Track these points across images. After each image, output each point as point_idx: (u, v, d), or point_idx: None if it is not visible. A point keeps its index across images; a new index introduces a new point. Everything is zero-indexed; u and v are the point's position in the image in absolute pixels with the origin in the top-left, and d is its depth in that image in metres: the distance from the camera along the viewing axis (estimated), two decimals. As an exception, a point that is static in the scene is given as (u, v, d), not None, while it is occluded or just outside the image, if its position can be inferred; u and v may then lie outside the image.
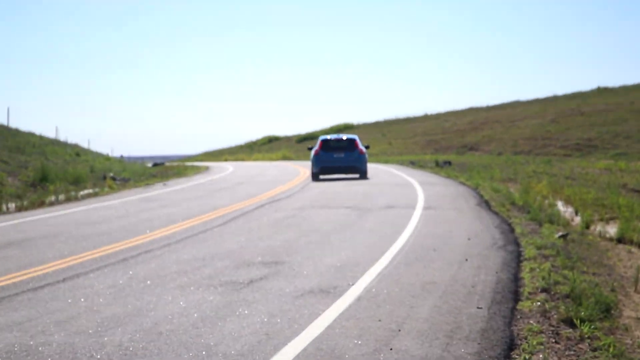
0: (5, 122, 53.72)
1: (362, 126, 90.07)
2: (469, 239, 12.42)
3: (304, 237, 13.08)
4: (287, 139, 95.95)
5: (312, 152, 30.02)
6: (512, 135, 57.70)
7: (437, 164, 40.29)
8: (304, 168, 42.09)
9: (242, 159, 78.04)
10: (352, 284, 8.88)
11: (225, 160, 78.54)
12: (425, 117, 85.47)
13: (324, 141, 30.10)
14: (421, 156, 54.17)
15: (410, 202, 18.99)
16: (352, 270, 9.78)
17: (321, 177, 30.27)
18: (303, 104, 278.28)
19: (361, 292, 8.41)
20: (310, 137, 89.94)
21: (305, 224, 15.12)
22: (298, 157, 70.34)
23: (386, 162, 49.28)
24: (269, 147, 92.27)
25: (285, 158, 72.12)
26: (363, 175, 29.77)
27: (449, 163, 40.40)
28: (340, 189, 24.08)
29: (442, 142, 63.86)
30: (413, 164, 43.44)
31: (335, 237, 13.00)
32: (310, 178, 30.85)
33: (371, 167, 40.85)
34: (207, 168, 50.66)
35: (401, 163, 45.91)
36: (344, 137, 30.46)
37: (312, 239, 12.90)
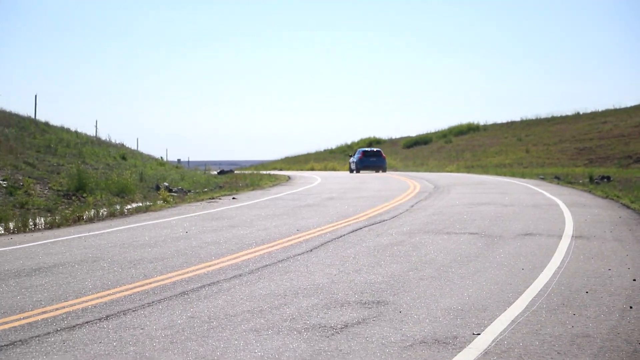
0: (32, 114, 55.46)
1: (491, 127, 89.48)
2: (634, 280, 12.22)
3: (413, 271, 13.09)
4: (392, 142, 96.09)
5: (356, 157, 61.88)
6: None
7: (591, 179, 39.66)
8: (414, 181, 42.06)
9: (333, 168, 78.39)
10: (477, 334, 8.86)
11: (312, 168, 79.02)
12: (576, 117, 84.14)
13: (364, 151, 62.12)
14: (569, 169, 53.39)
15: (554, 229, 18.76)
16: (477, 316, 9.75)
17: (361, 171, 61.18)
18: (413, 101, 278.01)
19: (489, 345, 8.38)
20: (423, 140, 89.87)
21: (415, 253, 15.12)
22: (406, 167, 70.30)
23: (522, 175, 48.74)
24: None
25: (388, 167, 72.06)
26: (384, 170, 60.92)
27: (608, 179, 39.71)
28: (462, 209, 23.97)
29: (598, 151, 62.81)
30: (558, 179, 42.85)
31: (455, 272, 12.97)
32: (422, 195, 30.98)
33: (502, 182, 40.53)
34: (288, 178, 51.09)
35: (542, 177, 45.34)
36: (375, 149, 63.28)
37: (425, 273, 12.90)
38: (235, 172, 65.47)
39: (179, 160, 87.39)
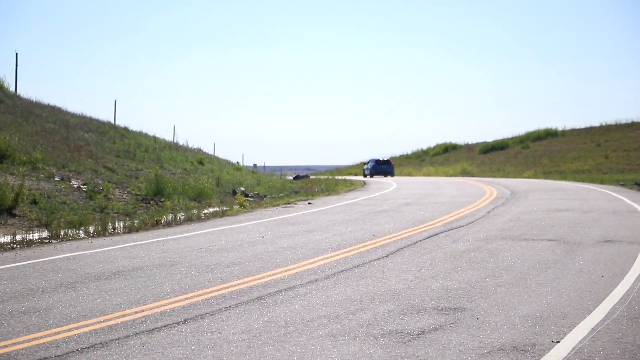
0: (111, 119, 56.28)
1: (569, 133, 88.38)
2: None
3: (491, 278, 13.00)
4: (468, 147, 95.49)
5: (370, 164, 71.12)
6: None
7: (673, 185, 38.97)
8: (491, 186, 41.76)
9: (409, 173, 78.32)
10: (557, 342, 8.77)
11: (387, 173, 78.85)
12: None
13: (377, 160, 70.80)
14: (650, 174, 52.52)
15: (635, 236, 18.49)
16: (556, 324, 9.65)
17: (375, 177, 67.93)
18: (490, 107, 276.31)
19: (569, 354, 8.29)
20: (500, 145, 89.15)
21: (492, 260, 15.02)
22: (482, 173, 69.87)
23: (601, 181, 48.14)
24: (444, 157, 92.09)
25: (465, 173, 71.77)
26: (392, 175, 69.05)
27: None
28: (540, 215, 23.75)
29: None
30: (639, 185, 42.21)
31: (533, 279, 12.85)
32: (499, 201, 30.81)
33: (581, 188, 40.13)
34: (363, 183, 51.13)
35: (622, 183, 44.72)
36: (385, 159, 71.05)
37: (502, 280, 12.81)
38: (311, 177, 65.66)
39: (255, 165, 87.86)
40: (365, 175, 70.88)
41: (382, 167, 68.79)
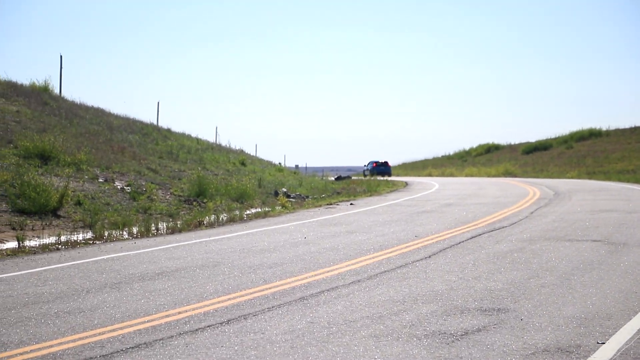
0: (154, 121, 56.59)
1: (613, 133, 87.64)
2: None
3: (534, 278, 12.93)
4: (511, 148, 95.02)
5: (370, 166, 76.91)
6: None
7: None
8: (534, 187, 41.52)
9: (451, 174, 78.05)
10: (602, 343, 8.70)
11: (429, 174, 78.84)
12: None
13: (375, 162, 76.51)
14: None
15: (681, 236, 18.31)
16: (602, 325, 9.58)
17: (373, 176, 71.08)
18: (533, 107, 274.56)
19: (614, 355, 8.23)
20: (543, 146, 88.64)
21: (536, 260, 14.93)
22: (525, 173, 69.48)
23: (646, 181, 47.67)
24: (487, 158, 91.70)
25: (507, 173, 71.41)
26: (389, 175, 74.69)
27: None
28: (584, 216, 23.58)
29: None
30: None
31: (578, 280, 12.76)
32: (542, 201, 30.65)
33: (625, 189, 39.84)
34: (405, 184, 51.04)
35: (668, 183, 44.29)
36: (382, 161, 76.46)
37: (546, 280, 12.73)
38: (353, 177, 65.66)
39: (296, 166, 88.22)
40: (365, 176, 76.58)
41: (380, 168, 75.57)
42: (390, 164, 79.05)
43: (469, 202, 31.42)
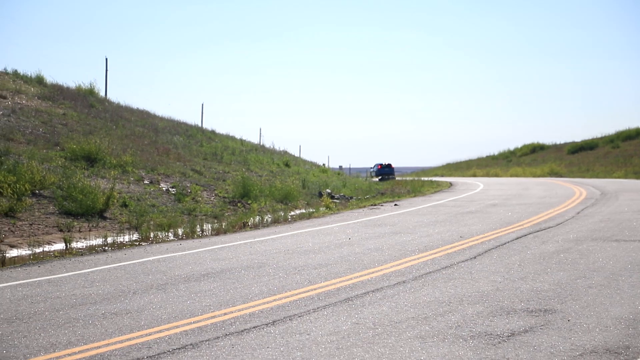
0: (199, 122, 56.87)
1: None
2: None
3: (582, 279, 12.83)
4: (556, 148, 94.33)
5: (375, 168, 78.58)
6: None
7: None
8: (580, 187, 41.21)
9: (496, 174, 77.69)
10: (651, 345, 8.62)
11: (474, 175, 78.49)
12: None
13: (380, 164, 78.20)
14: None
15: None
16: (650, 326, 9.49)
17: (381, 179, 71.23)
18: (578, 106, 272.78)
19: (664, 356, 8.14)
20: (589, 145, 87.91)
21: (583, 261, 14.82)
22: (571, 173, 68.99)
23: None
24: (532, 158, 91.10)
25: (553, 173, 70.92)
26: (394, 177, 73.87)
27: None
28: (632, 216, 23.36)
29: None
30: None
31: (626, 281, 12.64)
32: (588, 201, 30.46)
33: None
34: (449, 185, 50.87)
35: None
36: (387, 164, 77.98)
37: (594, 281, 12.62)
38: (397, 178, 65.58)
39: (340, 166, 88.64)
40: (371, 177, 79.26)
41: (384, 170, 78.44)
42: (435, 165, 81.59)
43: (514, 202, 31.26)
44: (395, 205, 31.86)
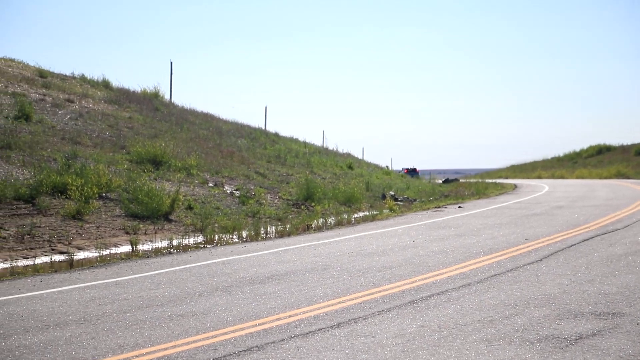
0: (262, 125, 57.13)
1: None
2: None
3: (650, 282, 12.66)
4: (623, 149, 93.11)
5: (402, 171, 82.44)
6: None
7: None
8: (647, 188, 40.64)
9: (561, 176, 76.97)
10: None
11: (539, 176, 77.85)
12: None
13: (407, 169, 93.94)
14: None
15: None
16: None
17: None
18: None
19: None
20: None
21: (651, 264, 14.62)
22: (638, 175, 68.06)
23: None
24: (598, 160, 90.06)
25: (619, 175, 70.03)
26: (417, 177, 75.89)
27: None
28: (700, 218, 23.00)
29: None
30: None
31: (695, 284, 12.45)
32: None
33: None
34: (514, 186, 50.49)
35: None
36: (412, 167, 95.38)
37: (662, 284, 12.45)
38: (460, 180, 65.28)
39: (403, 169, 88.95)
40: None
41: (410, 174, 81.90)
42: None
43: (579, 204, 30.93)
44: (459, 207, 31.71)
